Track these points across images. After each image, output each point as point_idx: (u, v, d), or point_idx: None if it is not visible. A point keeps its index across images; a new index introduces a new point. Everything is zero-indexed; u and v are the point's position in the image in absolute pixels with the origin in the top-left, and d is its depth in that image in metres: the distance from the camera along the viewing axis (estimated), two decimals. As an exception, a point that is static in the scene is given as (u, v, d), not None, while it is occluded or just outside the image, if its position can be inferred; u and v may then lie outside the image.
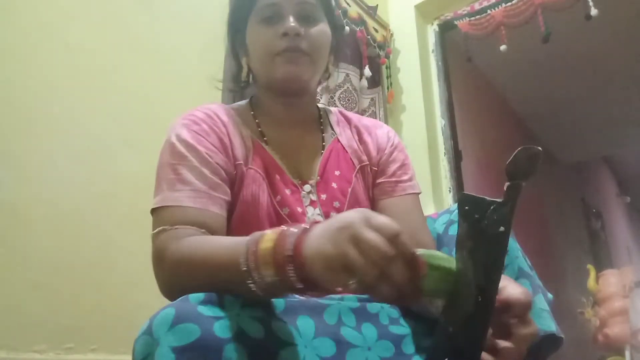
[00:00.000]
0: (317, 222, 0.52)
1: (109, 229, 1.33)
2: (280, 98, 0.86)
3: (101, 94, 1.42)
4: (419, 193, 0.89)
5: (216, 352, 0.48)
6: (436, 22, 2.34)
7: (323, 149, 0.88)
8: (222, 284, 0.55)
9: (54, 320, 1.17)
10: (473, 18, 2.18)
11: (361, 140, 0.92)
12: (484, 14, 2.15)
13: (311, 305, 0.65)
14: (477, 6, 2.18)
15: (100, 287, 1.26)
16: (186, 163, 0.72)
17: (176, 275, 0.63)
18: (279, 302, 0.61)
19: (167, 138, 0.77)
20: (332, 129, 0.93)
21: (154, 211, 0.71)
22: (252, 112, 0.88)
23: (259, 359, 0.51)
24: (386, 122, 2.09)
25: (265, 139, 0.85)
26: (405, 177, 0.88)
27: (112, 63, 1.47)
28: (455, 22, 2.25)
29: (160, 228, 0.67)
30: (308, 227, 0.51)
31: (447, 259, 0.52)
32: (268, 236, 0.52)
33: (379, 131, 0.94)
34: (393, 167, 0.89)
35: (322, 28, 0.84)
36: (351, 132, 0.93)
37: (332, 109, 0.99)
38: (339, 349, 0.62)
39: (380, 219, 0.48)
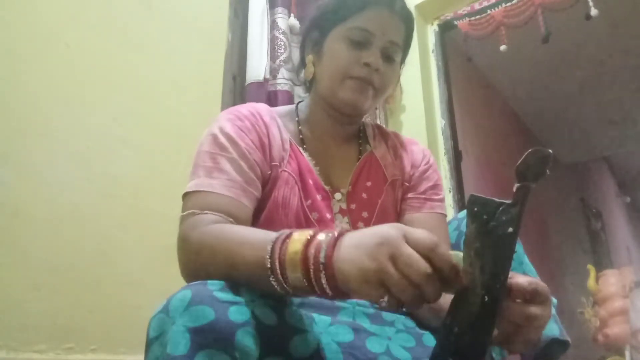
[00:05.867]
0: (347, 230, 0.52)
1: (108, 229, 1.33)
2: (332, 112, 0.87)
3: (101, 94, 1.42)
4: (445, 215, 0.89)
5: (229, 336, 0.49)
6: (436, 22, 2.34)
7: (357, 160, 0.90)
8: (243, 276, 0.56)
9: (54, 320, 1.17)
10: (473, 18, 2.18)
11: (396, 154, 0.93)
12: (484, 14, 2.14)
13: (325, 305, 0.67)
14: (477, 6, 2.18)
15: (100, 287, 1.26)
16: (226, 154, 0.74)
17: (198, 260, 0.63)
18: (294, 298, 0.62)
19: (210, 129, 0.78)
20: (369, 142, 0.94)
21: (186, 195, 0.72)
22: (296, 118, 0.90)
23: (272, 345, 0.52)
24: (386, 122, 2.09)
25: (304, 145, 0.87)
26: (435, 197, 0.89)
27: (112, 63, 1.47)
28: (455, 22, 2.24)
29: (190, 211, 0.68)
30: (337, 234, 0.51)
31: None
32: (296, 238, 0.52)
33: (415, 147, 0.96)
34: (425, 185, 0.90)
35: (395, 69, 0.87)
36: (387, 147, 0.94)
37: (370, 122, 1.01)
38: (357, 336, 0.63)
39: (418, 233, 0.49)
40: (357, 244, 0.49)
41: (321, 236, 0.51)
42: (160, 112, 1.54)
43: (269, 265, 0.52)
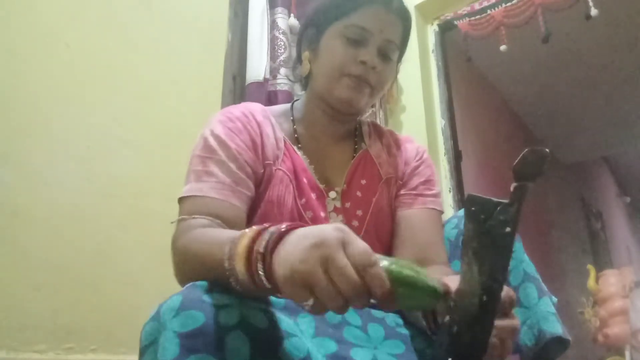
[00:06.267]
0: (299, 225, 0.51)
1: (108, 229, 1.33)
2: (328, 109, 0.87)
3: (101, 94, 1.42)
4: (441, 211, 0.88)
5: (219, 340, 0.48)
6: (436, 22, 2.34)
7: (352, 158, 0.89)
8: (214, 276, 0.55)
9: (54, 320, 1.17)
10: (473, 18, 2.18)
11: (390, 152, 0.93)
12: (484, 14, 2.14)
13: None
14: (477, 6, 2.18)
15: (100, 287, 1.26)
16: (215, 157, 0.75)
17: (184, 265, 0.65)
18: (278, 300, 0.62)
19: (202, 132, 0.79)
20: (364, 140, 0.94)
21: (180, 200, 0.73)
22: (291, 118, 0.90)
23: (262, 349, 0.52)
24: (386, 122, 2.09)
25: (299, 144, 0.86)
26: (428, 192, 0.88)
27: (112, 63, 1.47)
28: (455, 22, 2.24)
29: (180, 217, 0.70)
30: (285, 228, 0.49)
31: (417, 272, 0.49)
32: (248, 233, 0.51)
33: (409, 145, 0.95)
34: (417, 181, 0.89)
35: (392, 68, 0.87)
36: (382, 144, 0.94)
37: (366, 120, 1.00)
38: (340, 347, 0.62)
39: (358, 244, 0.46)
40: (296, 242, 0.46)
41: (270, 230, 0.50)
42: (160, 112, 1.54)
43: (226, 265, 0.51)
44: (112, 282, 1.29)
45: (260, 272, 0.47)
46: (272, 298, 0.61)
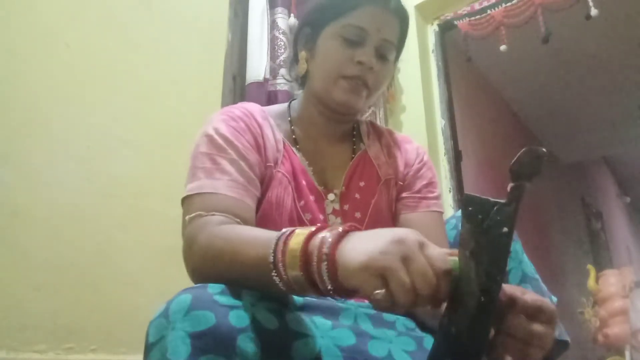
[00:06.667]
0: (356, 228, 0.52)
1: (108, 229, 1.33)
2: (325, 110, 0.86)
3: (101, 94, 1.42)
4: (442, 212, 0.88)
5: (230, 341, 0.48)
6: (436, 22, 2.34)
7: (351, 160, 0.89)
8: (249, 275, 0.55)
9: (54, 320, 1.17)
10: (473, 18, 2.18)
11: (390, 153, 0.92)
12: (484, 14, 2.14)
13: (327, 307, 0.66)
14: (477, 6, 2.18)
15: (100, 287, 1.26)
16: (225, 155, 0.74)
17: (207, 261, 0.62)
18: (296, 299, 0.62)
19: (204, 131, 0.77)
20: (363, 140, 0.93)
21: (187, 198, 0.71)
22: (289, 118, 0.89)
23: (273, 350, 0.52)
24: (386, 122, 2.09)
25: (297, 145, 0.86)
26: (430, 195, 0.88)
27: (112, 63, 1.47)
28: (455, 22, 2.24)
29: (197, 213, 0.67)
30: (344, 230, 0.51)
31: None
32: (299, 232, 0.52)
33: (409, 146, 0.94)
34: (419, 184, 0.89)
35: (389, 68, 0.86)
36: (380, 145, 0.94)
37: (364, 120, 0.99)
38: (359, 340, 0.62)
39: (436, 248, 0.48)
40: (370, 238, 0.48)
41: (325, 231, 0.51)
42: (160, 112, 1.54)
43: (271, 260, 0.52)
44: (112, 282, 1.29)
45: (324, 274, 0.48)
46: (292, 297, 0.61)
